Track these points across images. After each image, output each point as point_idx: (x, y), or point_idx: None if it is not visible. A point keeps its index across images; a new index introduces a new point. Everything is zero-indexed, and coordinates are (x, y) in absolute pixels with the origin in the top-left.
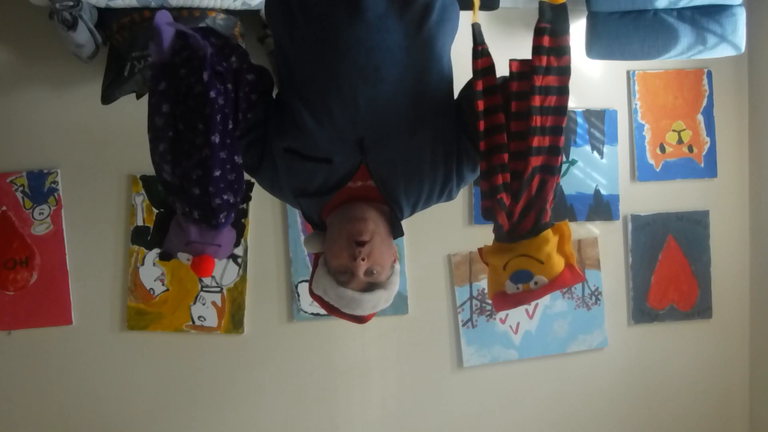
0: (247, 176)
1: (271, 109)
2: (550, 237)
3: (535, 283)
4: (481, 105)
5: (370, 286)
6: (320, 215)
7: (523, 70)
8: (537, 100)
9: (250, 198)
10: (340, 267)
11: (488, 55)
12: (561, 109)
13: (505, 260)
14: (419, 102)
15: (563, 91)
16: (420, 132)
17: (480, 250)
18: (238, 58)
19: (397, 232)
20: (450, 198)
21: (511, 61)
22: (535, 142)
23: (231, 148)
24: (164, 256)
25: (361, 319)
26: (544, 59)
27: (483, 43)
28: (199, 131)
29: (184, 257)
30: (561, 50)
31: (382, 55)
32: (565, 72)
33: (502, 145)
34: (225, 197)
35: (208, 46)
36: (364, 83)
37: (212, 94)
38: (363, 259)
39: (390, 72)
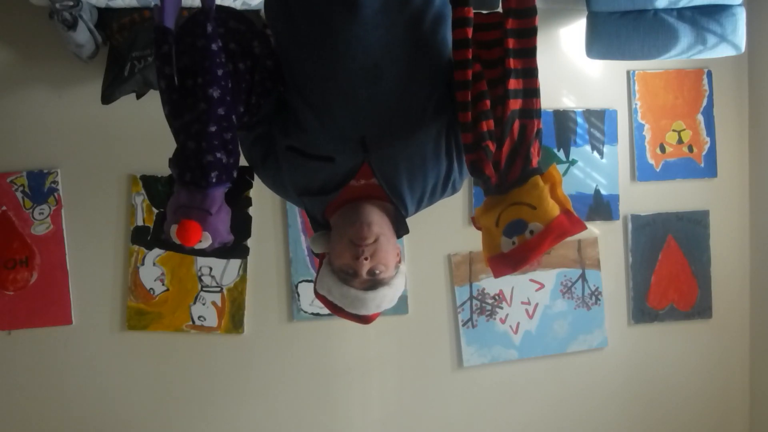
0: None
1: (276, 107)
2: (539, 181)
3: (531, 231)
4: (461, 55)
5: (374, 285)
6: (324, 215)
7: (492, 20)
8: (510, 43)
9: (251, 184)
10: (344, 266)
11: (468, 4)
12: (531, 51)
13: (497, 214)
14: (420, 97)
15: (532, 33)
16: (422, 128)
17: (473, 218)
18: (260, 44)
19: (402, 230)
20: (455, 190)
21: (476, 13)
22: (512, 84)
23: (230, 107)
24: (157, 242)
25: (365, 319)
26: (513, 2)
27: None
28: (199, 85)
29: (173, 231)
30: None
31: (381, 51)
32: (530, 13)
33: (484, 92)
34: (218, 155)
35: (214, 2)
36: (364, 81)
37: (214, 47)
38: (366, 259)
39: (390, 68)
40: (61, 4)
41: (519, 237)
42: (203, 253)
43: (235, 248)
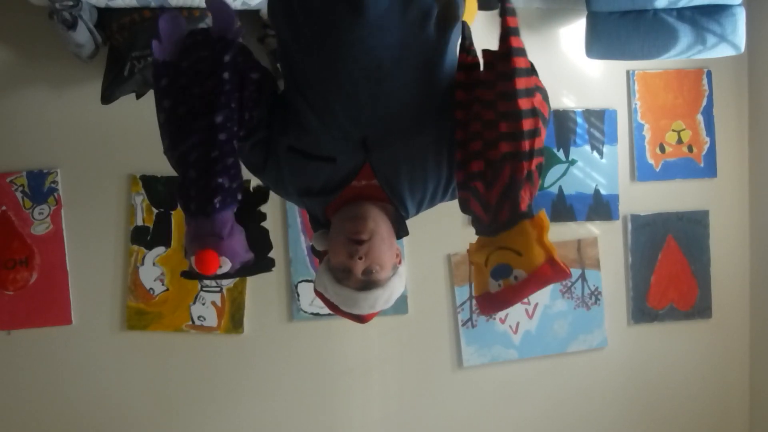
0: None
1: (274, 109)
2: (528, 227)
3: (515, 277)
4: (460, 95)
5: (367, 285)
6: (325, 215)
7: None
8: (522, 83)
9: (264, 199)
10: (339, 264)
11: (475, 54)
12: (510, 94)
13: (486, 255)
14: (423, 100)
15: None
16: (424, 131)
17: (468, 251)
18: (244, 57)
19: (401, 231)
20: (455, 196)
21: (483, 51)
22: (503, 127)
23: (232, 132)
24: (187, 275)
25: (361, 319)
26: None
27: (472, 43)
28: (201, 112)
29: (193, 263)
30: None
31: (384, 53)
32: (517, 53)
33: (477, 133)
34: (220, 180)
35: (240, 32)
36: (366, 82)
37: (225, 75)
38: (360, 258)
39: (392, 70)
40: (61, 4)
41: (504, 281)
42: (228, 275)
43: (259, 264)
